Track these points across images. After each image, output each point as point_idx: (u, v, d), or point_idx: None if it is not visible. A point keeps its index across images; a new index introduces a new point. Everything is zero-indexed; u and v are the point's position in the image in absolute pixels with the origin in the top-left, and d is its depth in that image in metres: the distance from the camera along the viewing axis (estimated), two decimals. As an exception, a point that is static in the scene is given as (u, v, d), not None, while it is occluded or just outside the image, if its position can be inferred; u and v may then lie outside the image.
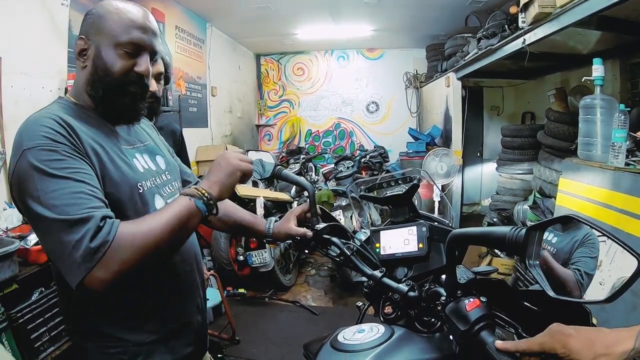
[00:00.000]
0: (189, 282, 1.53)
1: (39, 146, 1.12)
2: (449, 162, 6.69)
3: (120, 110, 1.38)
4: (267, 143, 11.40)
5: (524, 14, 4.26)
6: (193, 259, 1.57)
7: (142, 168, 1.42)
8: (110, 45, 1.30)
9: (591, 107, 3.47)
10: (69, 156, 1.15)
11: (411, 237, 1.46)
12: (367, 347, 1.14)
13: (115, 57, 1.31)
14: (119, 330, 1.33)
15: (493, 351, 0.96)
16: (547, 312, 1.03)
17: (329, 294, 5.28)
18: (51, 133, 1.15)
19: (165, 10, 6.26)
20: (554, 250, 2.55)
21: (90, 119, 1.34)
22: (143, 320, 1.37)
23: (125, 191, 1.29)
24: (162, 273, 1.39)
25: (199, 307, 1.61)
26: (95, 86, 1.33)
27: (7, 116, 3.47)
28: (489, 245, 2.02)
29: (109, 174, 1.26)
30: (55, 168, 1.11)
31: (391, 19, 7.97)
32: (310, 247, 1.64)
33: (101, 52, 1.30)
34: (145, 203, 1.35)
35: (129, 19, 1.32)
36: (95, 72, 1.32)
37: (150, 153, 1.52)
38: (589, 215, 3.17)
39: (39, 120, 1.19)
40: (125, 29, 1.31)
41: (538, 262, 0.94)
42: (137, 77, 1.34)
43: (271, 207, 5.07)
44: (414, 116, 10.65)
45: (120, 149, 1.37)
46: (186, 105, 6.92)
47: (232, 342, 4.02)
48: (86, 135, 1.25)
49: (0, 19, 3.45)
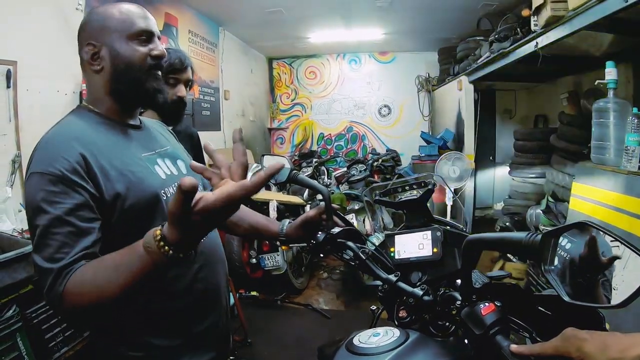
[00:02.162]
0: (214, 285, 1.53)
1: (46, 174, 1.16)
2: (462, 165, 6.66)
3: (152, 95, 1.41)
4: (279, 146, 11.43)
5: (536, 17, 4.24)
6: (219, 261, 1.58)
7: (164, 174, 1.43)
8: (123, 40, 1.36)
9: (604, 110, 3.45)
10: (68, 190, 1.17)
11: (426, 242, 1.47)
12: (382, 350, 1.14)
13: (132, 48, 1.36)
14: (144, 334, 1.35)
15: (508, 355, 0.97)
16: (561, 316, 1.03)
17: (341, 297, 5.29)
18: (60, 161, 1.18)
19: (178, 14, 6.31)
20: (568, 256, 2.53)
21: (108, 127, 1.38)
22: (168, 325, 1.38)
23: (148, 200, 1.31)
24: (187, 277, 1.41)
25: (224, 309, 1.63)
26: (121, 82, 1.37)
27: (22, 119, 3.52)
28: (505, 251, 2.03)
29: (130, 187, 1.27)
30: (51, 202, 1.15)
31: (403, 22, 7.96)
32: (325, 251, 1.65)
33: (116, 49, 1.35)
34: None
35: (131, 12, 1.39)
36: (116, 69, 1.36)
37: (171, 158, 1.54)
38: (602, 219, 3.15)
39: (54, 142, 1.23)
40: (131, 21, 1.37)
41: (553, 267, 0.95)
42: (156, 59, 1.40)
43: (284, 210, 5.09)
44: (426, 120, 10.61)
45: (140, 157, 1.39)
46: (199, 109, 6.97)
47: (244, 344, 4.04)
48: (101, 152, 1.26)
49: (15, 23, 3.50)
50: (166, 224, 0.96)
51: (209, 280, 1.50)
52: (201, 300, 1.47)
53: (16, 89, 3.48)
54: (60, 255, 1.12)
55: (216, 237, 1.61)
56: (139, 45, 1.37)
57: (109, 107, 1.40)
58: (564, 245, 2.69)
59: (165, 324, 1.38)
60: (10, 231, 2.97)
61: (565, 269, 1.02)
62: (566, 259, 1.02)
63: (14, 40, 3.49)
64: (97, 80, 1.38)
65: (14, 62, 3.45)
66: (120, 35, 1.35)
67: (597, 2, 3.15)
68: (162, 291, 1.33)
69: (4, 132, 3.40)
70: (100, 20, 1.36)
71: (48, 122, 1.36)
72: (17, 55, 3.48)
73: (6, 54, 3.41)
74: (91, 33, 1.36)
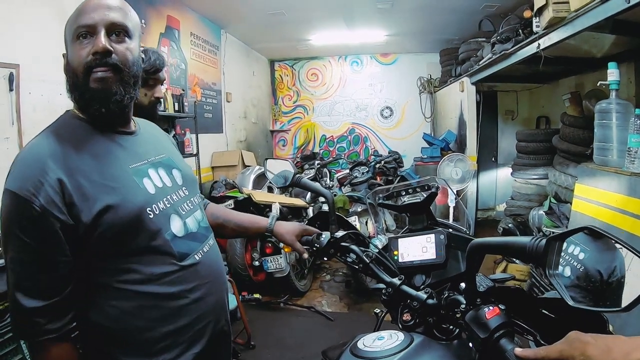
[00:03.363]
0: (211, 306, 1.43)
1: (21, 196, 1.12)
2: (464, 167, 6.67)
3: (100, 100, 1.24)
4: (281, 148, 11.46)
5: (538, 18, 4.24)
6: (216, 281, 1.47)
7: (154, 188, 1.33)
8: (70, 43, 1.25)
9: (606, 111, 3.46)
10: (40, 223, 1.14)
11: (429, 245, 1.47)
12: (387, 354, 1.15)
13: (73, 51, 1.23)
14: (135, 358, 1.28)
15: (512, 358, 0.97)
16: (565, 319, 1.03)
17: (344, 300, 5.28)
18: (34, 184, 1.13)
19: (180, 17, 6.34)
20: (581, 267, 2.51)
21: (94, 136, 1.28)
22: (160, 348, 1.29)
23: (131, 219, 1.22)
24: (182, 299, 1.32)
25: (222, 329, 1.52)
26: (73, 93, 1.27)
27: (25, 122, 3.53)
28: (509, 255, 2.03)
29: (111, 204, 1.19)
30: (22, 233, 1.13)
31: (405, 24, 7.99)
32: (329, 255, 1.65)
33: (68, 56, 1.26)
34: (157, 228, 1.28)
35: (78, 10, 1.24)
36: (69, 81, 1.26)
37: (166, 167, 1.43)
38: (605, 221, 3.15)
39: (29, 161, 1.17)
40: (75, 20, 1.23)
41: (557, 272, 0.95)
42: (96, 56, 1.20)
43: (287, 212, 5.09)
44: (428, 121, 10.63)
45: (126, 170, 1.28)
46: (201, 111, 6.98)
47: (247, 347, 4.03)
48: (79, 169, 1.18)
49: (18, 26, 3.52)
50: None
51: (206, 301, 1.40)
52: (200, 319, 1.38)
53: (19, 92, 3.49)
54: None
55: (217, 254, 1.53)
56: (80, 46, 1.22)
57: (92, 115, 1.28)
58: (575, 255, 2.66)
59: (159, 347, 1.29)
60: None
61: (571, 273, 1.03)
62: (572, 264, 1.03)
63: (17, 43, 3.51)
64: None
65: (17, 66, 3.46)
66: (69, 40, 1.25)
67: (599, 3, 3.16)
68: (157, 313, 1.28)
69: (6, 135, 3.41)
70: (67, 25, 1.27)
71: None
72: (20, 59, 3.50)
73: (9, 57, 3.42)
74: (65, 43, 1.28)
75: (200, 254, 1.39)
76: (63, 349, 1.19)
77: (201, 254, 1.40)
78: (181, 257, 1.32)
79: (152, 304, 1.27)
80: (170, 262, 1.29)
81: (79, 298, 1.22)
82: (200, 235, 1.44)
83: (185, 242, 1.36)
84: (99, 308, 1.24)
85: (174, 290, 1.30)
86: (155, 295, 1.27)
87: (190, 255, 1.35)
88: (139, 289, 1.25)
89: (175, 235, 1.32)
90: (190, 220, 1.41)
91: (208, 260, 1.43)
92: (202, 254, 1.40)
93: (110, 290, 1.24)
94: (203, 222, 1.49)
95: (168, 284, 1.28)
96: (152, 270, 1.26)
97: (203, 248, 1.42)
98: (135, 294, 1.24)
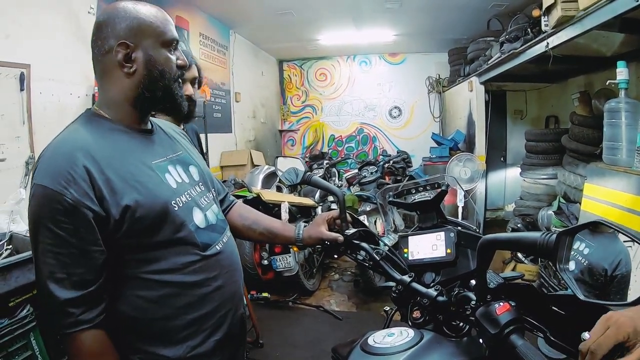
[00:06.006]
0: (231, 294, 1.49)
1: (50, 189, 1.14)
2: (473, 167, 6.64)
3: (180, 104, 1.42)
4: (290, 148, 11.49)
5: (546, 17, 4.23)
6: (236, 270, 1.54)
7: (175, 183, 1.39)
8: (158, 45, 1.33)
9: (616, 110, 3.44)
10: (73, 214, 1.16)
11: (439, 243, 1.47)
12: (397, 350, 1.15)
13: (166, 56, 1.35)
14: (160, 347, 1.32)
15: (523, 354, 0.98)
16: (574, 316, 1.04)
17: (352, 299, 5.28)
18: (64, 176, 1.15)
19: (189, 17, 6.37)
20: (586, 262, 2.50)
21: (118, 134, 1.32)
22: (185, 336, 1.34)
23: (158, 212, 1.27)
24: (205, 287, 1.38)
25: (241, 317, 1.57)
26: (151, 88, 1.34)
27: (36, 121, 3.59)
28: (520, 250, 2.02)
29: (138, 199, 1.24)
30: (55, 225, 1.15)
31: (413, 23, 7.99)
32: (340, 252, 1.67)
33: (151, 54, 1.31)
34: (182, 220, 1.33)
35: (164, 18, 1.36)
36: (149, 75, 1.32)
37: (183, 164, 1.49)
38: (614, 220, 3.14)
39: (58, 154, 1.20)
40: (165, 27, 1.35)
41: (568, 266, 0.95)
42: (181, 69, 1.40)
43: (296, 212, 5.10)
44: (436, 121, 10.62)
45: (150, 166, 1.34)
46: (210, 111, 7.00)
47: (255, 346, 4.05)
48: (107, 164, 1.23)
49: (28, 27, 3.55)
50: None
51: (226, 289, 1.46)
52: (220, 308, 1.43)
53: (29, 92, 3.54)
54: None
55: (234, 245, 1.58)
56: (170, 54, 1.36)
57: (123, 112, 1.35)
58: (580, 250, 2.65)
59: (181, 335, 1.35)
60: (25, 232, 3.00)
61: (575, 267, 1.03)
62: (576, 259, 1.03)
63: (27, 43, 3.54)
64: (124, 83, 1.32)
65: (28, 66, 3.50)
66: (155, 41, 1.32)
67: (607, 2, 3.14)
68: (179, 303, 1.33)
69: (17, 134, 3.45)
70: (133, 20, 1.29)
71: (61, 125, 1.34)
72: (31, 59, 3.54)
73: (19, 58, 3.47)
74: (122, 32, 1.28)
75: (220, 244, 1.45)
76: (97, 335, 1.21)
77: (221, 244, 1.46)
78: (204, 247, 1.38)
79: (177, 293, 1.32)
80: (194, 252, 1.35)
81: (108, 289, 1.25)
82: (219, 227, 1.50)
83: (207, 233, 1.42)
84: (126, 299, 1.28)
85: (197, 279, 1.35)
86: (181, 284, 1.32)
87: (212, 246, 1.42)
88: (164, 278, 1.29)
89: (198, 227, 1.39)
90: (210, 212, 1.47)
91: (227, 250, 1.49)
92: (222, 244, 1.46)
93: (137, 281, 1.28)
94: (220, 215, 1.55)
95: (192, 273, 1.34)
96: (177, 260, 1.32)
97: (222, 239, 1.48)
98: (161, 283, 1.29)
